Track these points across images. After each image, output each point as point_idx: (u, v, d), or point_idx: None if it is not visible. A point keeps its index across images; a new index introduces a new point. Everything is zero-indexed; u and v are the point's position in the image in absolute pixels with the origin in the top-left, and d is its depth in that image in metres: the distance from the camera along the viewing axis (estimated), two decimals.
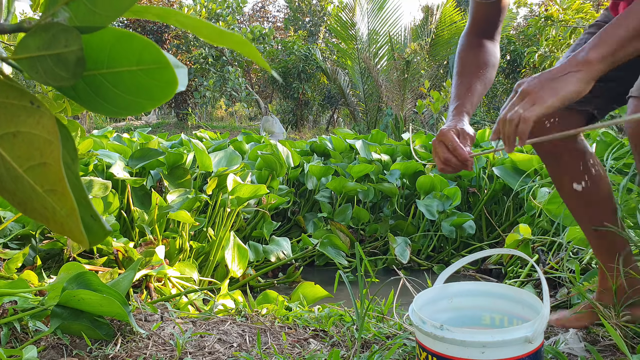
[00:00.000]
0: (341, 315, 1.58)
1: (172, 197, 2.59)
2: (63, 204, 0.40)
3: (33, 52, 0.41)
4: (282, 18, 18.99)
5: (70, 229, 0.41)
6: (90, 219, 0.44)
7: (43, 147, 0.39)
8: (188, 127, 13.01)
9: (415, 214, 3.73)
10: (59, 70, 0.41)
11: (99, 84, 0.43)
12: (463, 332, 0.87)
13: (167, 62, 0.41)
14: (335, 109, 14.61)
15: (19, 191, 0.41)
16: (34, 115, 0.40)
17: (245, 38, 0.45)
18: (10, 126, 0.40)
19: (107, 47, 0.42)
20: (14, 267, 1.94)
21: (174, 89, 0.42)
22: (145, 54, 0.41)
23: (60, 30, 0.40)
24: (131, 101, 0.43)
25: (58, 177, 0.39)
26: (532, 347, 0.88)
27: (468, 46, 1.40)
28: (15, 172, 0.40)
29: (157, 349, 1.30)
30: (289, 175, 3.85)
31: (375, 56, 10.55)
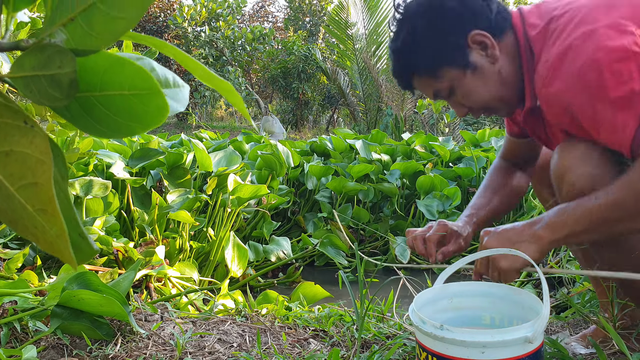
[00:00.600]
0: (341, 315, 1.58)
1: (172, 197, 2.59)
2: (53, 224, 0.40)
3: (28, 72, 0.41)
4: (282, 18, 18.99)
5: (59, 249, 0.41)
6: (78, 237, 0.44)
7: (35, 167, 0.40)
8: (188, 127, 13.02)
9: (415, 214, 3.73)
10: (53, 91, 0.41)
11: (92, 106, 0.44)
12: (463, 332, 0.87)
13: (157, 88, 0.42)
14: (335, 109, 14.61)
15: (10, 209, 0.41)
16: (28, 134, 0.40)
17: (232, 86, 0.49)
18: (3, 145, 0.40)
19: (100, 71, 0.43)
20: (14, 267, 1.94)
21: (165, 115, 0.43)
22: (136, 80, 0.42)
23: (56, 52, 0.40)
24: (123, 124, 0.44)
25: (48, 198, 0.40)
26: (532, 347, 0.88)
27: (497, 168, 1.48)
28: (7, 191, 0.40)
29: (157, 349, 1.30)
30: (289, 175, 3.85)
31: (374, 56, 10.55)
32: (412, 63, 1.18)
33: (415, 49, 1.15)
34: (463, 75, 1.15)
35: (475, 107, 1.20)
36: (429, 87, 1.19)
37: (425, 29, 1.14)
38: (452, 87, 1.17)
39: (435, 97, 1.21)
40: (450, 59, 1.14)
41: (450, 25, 1.13)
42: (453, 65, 1.14)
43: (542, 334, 0.91)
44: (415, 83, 1.21)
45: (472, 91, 1.17)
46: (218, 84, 0.47)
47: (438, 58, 1.15)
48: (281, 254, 2.90)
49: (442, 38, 1.13)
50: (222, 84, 0.47)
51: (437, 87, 1.18)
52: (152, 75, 0.41)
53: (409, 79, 1.21)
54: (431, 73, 1.16)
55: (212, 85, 0.48)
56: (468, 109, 1.21)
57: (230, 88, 0.48)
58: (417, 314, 0.95)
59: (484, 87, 1.16)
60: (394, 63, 1.22)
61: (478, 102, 1.18)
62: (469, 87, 1.16)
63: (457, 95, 1.19)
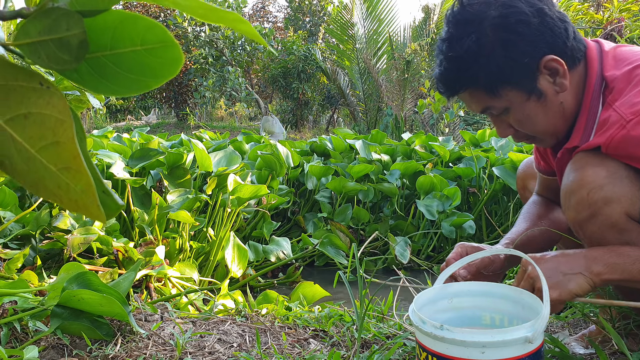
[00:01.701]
0: (341, 315, 1.58)
1: (172, 197, 2.59)
2: (78, 181, 0.40)
3: (34, 38, 0.41)
4: (282, 18, 18.99)
5: (85, 205, 0.41)
6: (102, 194, 0.44)
7: (55, 126, 0.40)
8: (188, 127, 13.01)
9: (415, 214, 3.73)
10: (62, 54, 0.41)
11: (102, 66, 0.44)
12: (463, 332, 0.87)
13: (173, 40, 0.42)
14: (335, 109, 14.61)
15: (32, 172, 0.41)
16: (44, 95, 0.40)
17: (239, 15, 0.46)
18: (20, 108, 0.40)
19: (110, 29, 0.42)
20: (14, 267, 1.94)
21: (179, 66, 0.43)
22: (149, 34, 0.42)
23: (62, 15, 0.40)
24: (136, 80, 0.44)
25: (72, 155, 0.40)
26: (532, 347, 0.88)
27: (533, 201, 1.41)
28: (28, 153, 0.40)
29: (157, 349, 1.30)
30: (289, 175, 3.85)
31: (374, 56, 10.56)
32: (471, 75, 1.07)
33: (481, 61, 1.05)
34: (526, 100, 1.07)
35: (523, 133, 1.13)
36: (481, 103, 1.10)
37: (498, 42, 1.03)
38: (508, 108, 1.09)
39: (482, 111, 1.13)
40: (517, 81, 1.05)
41: (526, 45, 1.03)
42: (518, 88, 1.06)
43: (542, 334, 0.91)
44: (464, 94, 1.12)
45: (529, 118, 1.09)
46: (224, 16, 0.45)
47: (504, 77, 1.05)
48: (281, 254, 2.91)
49: (514, 57, 1.03)
50: (228, 15, 0.45)
51: (490, 105, 1.10)
52: (165, 28, 0.41)
53: (459, 89, 1.11)
54: (491, 90, 1.07)
55: (218, 19, 0.46)
56: (514, 132, 1.14)
57: (237, 17, 0.46)
58: (417, 314, 0.95)
59: (544, 116, 1.09)
60: (446, 69, 1.10)
61: (531, 130, 1.11)
62: (527, 113, 1.08)
63: (510, 117, 1.11)
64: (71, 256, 2.14)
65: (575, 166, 1.06)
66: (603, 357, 1.10)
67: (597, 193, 1.00)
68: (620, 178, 0.99)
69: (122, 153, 3.12)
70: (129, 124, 14.13)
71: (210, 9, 0.44)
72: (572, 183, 1.05)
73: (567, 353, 1.18)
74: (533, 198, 1.43)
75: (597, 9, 6.98)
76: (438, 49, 1.12)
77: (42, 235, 2.40)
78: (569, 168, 1.08)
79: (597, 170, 1.01)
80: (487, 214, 3.65)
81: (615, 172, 0.99)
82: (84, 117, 13.33)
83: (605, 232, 1.01)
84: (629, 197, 0.99)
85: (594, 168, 1.01)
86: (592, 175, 1.01)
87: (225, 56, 13.14)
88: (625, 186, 0.99)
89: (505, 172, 3.44)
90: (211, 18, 0.45)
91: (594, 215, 1.01)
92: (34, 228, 2.34)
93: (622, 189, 0.99)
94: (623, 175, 0.99)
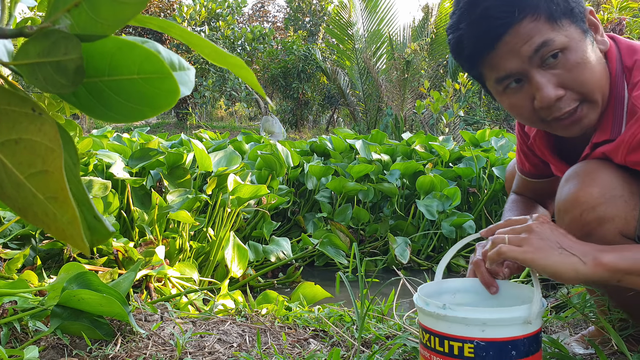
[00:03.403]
0: (341, 315, 1.58)
1: (172, 197, 2.59)
2: (64, 211, 0.40)
3: (33, 59, 0.41)
4: (282, 18, 18.99)
5: (71, 235, 0.41)
6: (93, 220, 0.44)
7: (45, 154, 0.40)
8: (188, 127, 13.01)
9: (415, 214, 3.73)
10: (59, 78, 0.41)
11: (100, 91, 0.44)
12: (464, 310, 0.89)
13: (169, 71, 0.41)
14: (335, 109, 14.61)
15: (20, 197, 0.41)
16: (36, 122, 0.40)
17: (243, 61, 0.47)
18: (12, 133, 0.40)
19: (108, 56, 0.42)
20: (14, 267, 1.94)
21: (176, 98, 0.43)
22: (146, 64, 0.41)
23: (61, 38, 0.40)
24: (132, 108, 0.44)
25: (60, 186, 0.39)
26: (531, 330, 0.90)
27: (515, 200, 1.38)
28: (17, 179, 0.40)
29: (157, 349, 1.30)
30: (289, 175, 3.85)
31: (374, 56, 10.56)
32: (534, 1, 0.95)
33: None
34: (583, 39, 0.97)
35: (576, 89, 0.98)
36: (539, 36, 0.95)
37: None
38: (566, 47, 0.96)
39: (537, 49, 0.95)
40: (576, 15, 0.97)
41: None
42: (576, 23, 0.97)
43: (540, 319, 0.93)
44: (512, 33, 0.96)
45: (586, 62, 0.97)
46: (228, 60, 0.46)
47: (566, 6, 0.96)
48: (281, 254, 2.91)
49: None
50: (231, 59, 0.46)
51: (550, 38, 0.95)
52: (162, 58, 0.41)
53: (511, 21, 0.95)
54: (553, 18, 0.94)
55: (221, 62, 0.47)
56: (563, 92, 0.98)
57: (240, 63, 0.46)
58: (421, 297, 0.96)
59: (597, 64, 0.99)
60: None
61: (587, 79, 0.97)
62: (585, 55, 0.97)
63: (566, 62, 0.97)
64: (71, 256, 2.14)
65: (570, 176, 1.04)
66: (603, 358, 1.10)
67: (590, 214, 0.98)
68: (614, 198, 0.98)
69: (122, 153, 3.12)
70: (129, 123, 14.12)
71: (217, 52, 0.46)
72: (565, 201, 1.03)
73: (566, 353, 1.18)
74: (514, 197, 1.41)
75: (596, 9, 6.98)
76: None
77: (42, 235, 2.40)
78: (566, 177, 1.06)
79: (590, 190, 0.99)
80: (487, 214, 3.65)
81: (609, 192, 0.98)
82: (83, 117, 13.32)
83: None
84: (623, 217, 0.97)
85: (588, 188, 0.99)
86: (585, 195, 0.99)
87: None
88: (619, 206, 0.97)
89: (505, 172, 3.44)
90: (215, 59, 0.47)
91: (588, 235, 0.99)
92: (34, 228, 2.34)
93: (615, 208, 0.97)
94: (617, 195, 0.98)
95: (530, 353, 0.90)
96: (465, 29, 0.99)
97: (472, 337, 0.89)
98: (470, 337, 0.89)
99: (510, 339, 0.88)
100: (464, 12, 0.99)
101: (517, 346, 0.89)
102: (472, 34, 0.99)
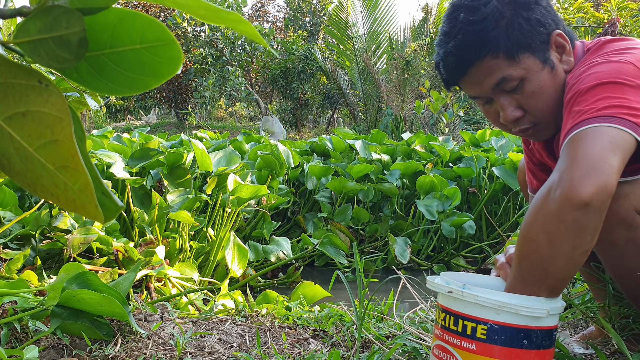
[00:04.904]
0: (341, 315, 1.58)
1: (172, 197, 2.59)
2: (76, 179, 0.40)
3: (34, 36, 0.41)
4: (282, 18, 18.99)
5: (82, 204, 0.40)
6: (101, 196, 0.44)
7: (54, 124, 0.39)
8: (188, 127, 13.01)
9: (415, 214, 3.73)
10: (62, 52, 0.41)
11: (102, 64, 0.43)
12: (483, 291, 0.90)
13: (172, 38, 0.41)
14: (335, 109, 14.61)
15: (29, 171, 0.41)
16: (43, 94, 0.40)
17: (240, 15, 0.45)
18: (19, 106, 0.40)
19: (109, 27, 0.42)
20: (14, 267, 1.94)
21: (179, 65, 0.42)
22: (148, 32, 0.41)
23: (62, 13, 0.40)
24: (135, 79, 0.44)
25: (70, 153, 0.39)
26: (546, 324, 0.90)
27: None
28: (25, 152, 0.40)
29: (157, 349, 1.30)
30: (289, 175, 3.85)
31: (374, 56, 10.56)
32: (494, 37, 1.06)
33: (502, 23, 1.06)
34: (541, 69, 1.08)
35: (531, 113, 1.11)
36: (498, 73, 1.08)
37: (519, 6, 1.07)
38: (524, 78, 1.08)
39: (496, 85, 1.09)
40: (535, 47, 1.07)
41: (541, 15, 1.08)
42: (535, 55, 1.07)
43: (556, 318, 0.93)
44: (479, 66, 1.09)
45: (542, 90, 1.09)
46: (224, 17, 0.45)
47: (525, 39, 1.06)
48: (281, 254, 2.91)
49: (532, 23, 1.07)
50: (228, 15, 0.45)
51: (508, 74, 1.07)
52: (164, 26, 0.41)
53: (478, 56, 1.08)
54: (511, 55, 1.06)
55: (218, 20, 0.46)
56: (521, 114, 1.12)
57: (238, 18, 0.45)
58: (443, 277, 0.98)
59: (554, 91, 1.10)
60: (466, 35, 1.08)
61: (541, 105, 1.09)
62: (541, 85, 1.08)
63: (523, 90, 1.09)
64: (71, 256, 2.14)
65: None
66: (603, 358, 1.10)
67: None
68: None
69: (122, 153, 3.12)
70: (128, 124, 14.13)
71: (211, 9, 0.44)
72: None
73: (567, 353, 1.18)
74: None
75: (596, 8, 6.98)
76: (452, 20, 1.11)
77: (42, 235, 2.40)
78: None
79: None
80: (487, 214, 3.65)
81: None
82: (83, 117, 13.33)
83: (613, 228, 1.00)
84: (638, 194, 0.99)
85: None
86: None
87: (225, 56, 13.14)
88: (636, 183, 1.00)
89: (505, 172, 3.44)
90: (211, 18, 0.45)
91: None
92: (34, 228, 2.34)
93: (632, 185, 0.99)
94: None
95: (541, 347, 0.90)
96: (442, 57, 1.14)
97: (486, 319, 0.89)
98: (485, 318, 0.89)
99: (524, 327, 0.88)
100: (441, 41, 1.14)
101: (530, 336, 0.89)
102: (445, 64, 1.14)
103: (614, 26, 5.90)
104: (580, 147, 0.91)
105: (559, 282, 0.92)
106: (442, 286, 0.95)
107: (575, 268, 0.93)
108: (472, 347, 0.90)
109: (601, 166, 0.87)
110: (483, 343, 0.89)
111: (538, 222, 0.90)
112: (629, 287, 1.14)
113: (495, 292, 0.90)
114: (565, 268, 0.90)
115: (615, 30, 5.86)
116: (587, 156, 0.89)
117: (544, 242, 0.89)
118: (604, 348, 1.25)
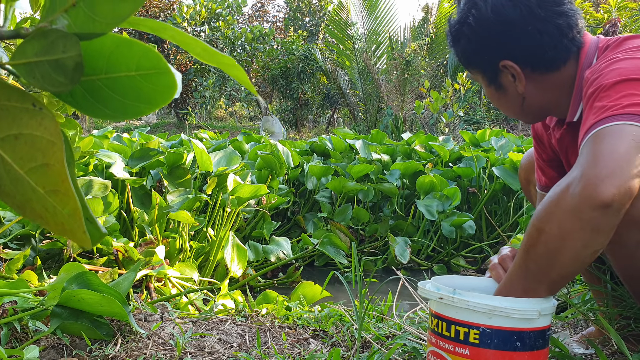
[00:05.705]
0: (341, 315, 1.58)
1: (172, 197, 2.59)
2: (65, 204, 0.40)
3: (31, 58, 0.41)
4: (282, 18, 18.99)
5: (71, 229, 0.41)
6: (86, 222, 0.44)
7: (45, 148, 0.40)
8: (188, 127, 13.01)
9: (415, 214, 3.73)
10: (57, 76, 0.41)
11: (97, 89, 0.44)
12: (473, 296, 0.90)
13: (167, 67, 0.41)
14: (335, 109, 14.61)
15: (19, 193, 0.41)
16: (36, 117, 0.40)
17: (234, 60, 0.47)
18: (12, 128, 0.40)
19: (106, 53, 0.42)
20: (14, 267, 1.94)
21: (173, 93, 0.42)
22: (144, 60, 0.41)
23: (59, 37, 0.40)
24: (130, 105, 0.44)
25: (61, 178, 0.39)
26: (539, 325, 0.90)
27: None
28: (16, 174, 0.40)
29: (157, 349, 1.30)
30: (289, 175, 3.85)
31: (374, 56, 10.56)
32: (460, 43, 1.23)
33: (462, 40, 1.20)
34: (487, 85, 1.23)
35: None
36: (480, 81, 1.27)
37: (474, 32, 1.17)
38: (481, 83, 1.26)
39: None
40: (479, 69, 1.22)
41: (495, 43, 1.15)
42: (482, 74, 1.22)
43: (549, 318, 0.93)
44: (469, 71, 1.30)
45: (491, 99, 1.27)
46: (219, 59, 0.46)
47: (471, 59, 1.23)
48: (281, 254, 2.91)
49: (478, 50, 1.18)
50: (222, 58, 0.46)
51: (469, 73, 1.28)
52: (160, 55, 0.41)
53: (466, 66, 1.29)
54: (466, 63, 1.24)
55: (213, 61, 0.47)
56: None
57: (231, 62, 0.46)
58: (433, 282, 0.97)
59: (504, 102, 1.24)
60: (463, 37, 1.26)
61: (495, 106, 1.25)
62: (489, 95, 1.26)
63: None
64: (71, 256, 2.14)
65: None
66: (603, 358, 1.10)
67: None
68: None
69: (122, 153, 3.12)
70: (128, 123, 14.13)
71: (208, 50, 0.45)
72: None
73: (567, 353, 1.18)
74: None
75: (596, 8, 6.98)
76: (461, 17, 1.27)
77: (42, 235, 2.40)
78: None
79: None
80: (487, 214, 3.66)
81: None
82: (83, 117, 13.32)
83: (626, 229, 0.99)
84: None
85: None
86: None
87: None
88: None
89: (505, 172, 3.44)
90: (206, 58, 0.46)
91: None
92: (34, 228, 2.33)
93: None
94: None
95: (535, 348, 0.90)
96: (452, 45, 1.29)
97: (478, 324, 0.89)
98: (477, 323, 0.89)
99: (517, 330, 0.88)
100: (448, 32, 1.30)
101: (523, 338, 0.89)
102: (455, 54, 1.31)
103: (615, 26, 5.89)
104: (605, 146, 0.89)
105: (561, 278, 0.92)
106: (432, 292, 0.95)
107: (582, 267, 0.92)
108: (465, 352, 0.90)
109: (627, 168, 0.85)
110: (476, 348, 0.89)
111: (553, 215, 0.89)
112: (637, 289, 1.14)
113: (486, 297, 0.90)
114: (572, 265, 0.90)
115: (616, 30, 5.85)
116: (613, 155, 0.87)
117: (556, 235, 0.88)
118: (604, 348, 1.25)
